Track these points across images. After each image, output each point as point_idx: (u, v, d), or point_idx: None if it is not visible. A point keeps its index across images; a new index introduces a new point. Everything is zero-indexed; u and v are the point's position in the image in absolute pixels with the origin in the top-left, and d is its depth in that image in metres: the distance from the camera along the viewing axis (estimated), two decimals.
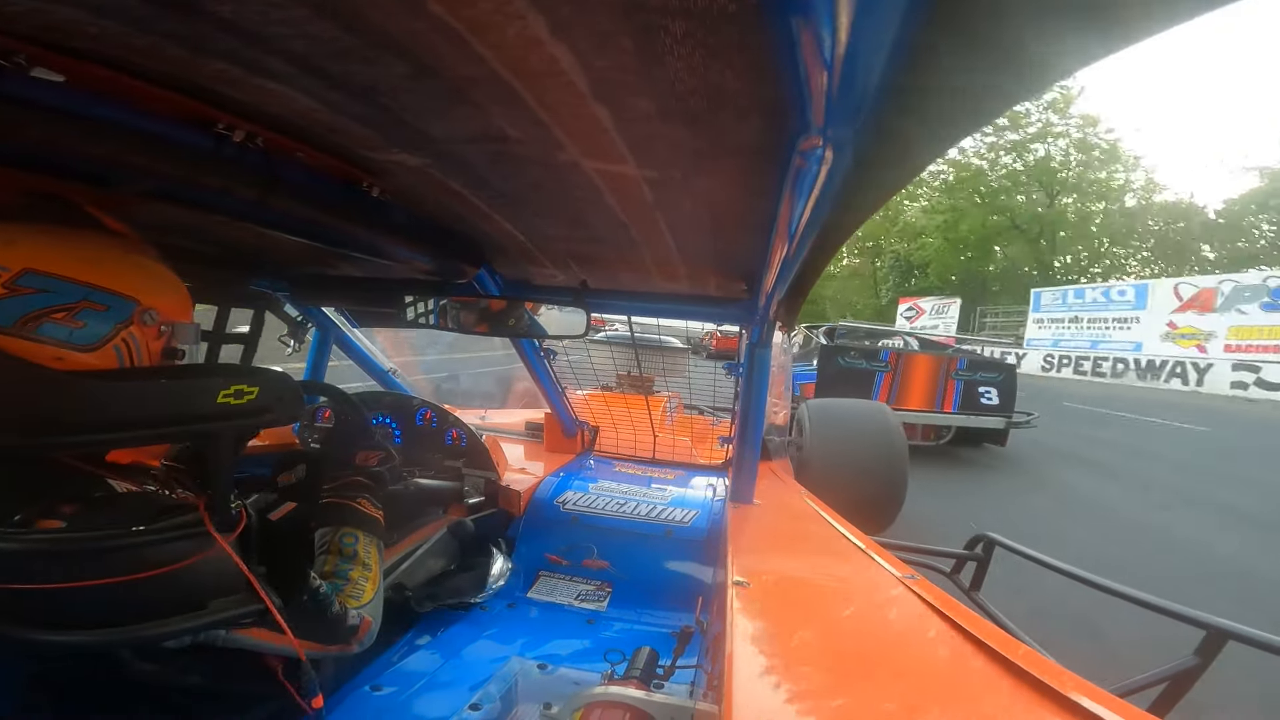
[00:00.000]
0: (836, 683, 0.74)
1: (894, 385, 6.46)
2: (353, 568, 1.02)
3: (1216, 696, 1.87)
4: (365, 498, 1.12)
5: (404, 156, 0.83)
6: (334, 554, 1.02)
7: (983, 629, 0.84)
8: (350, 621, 0.96)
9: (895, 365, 6.49)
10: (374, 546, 1.07)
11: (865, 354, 6.64)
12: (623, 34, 0.47)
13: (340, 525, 1.06)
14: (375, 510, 1.12)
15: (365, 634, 0.99)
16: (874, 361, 6.52)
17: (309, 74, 0.60)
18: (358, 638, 0.97)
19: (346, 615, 0.96)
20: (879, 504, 3.19)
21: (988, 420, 6.50)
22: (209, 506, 0.78)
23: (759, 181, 0.76)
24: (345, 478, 1.15)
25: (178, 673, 0.86)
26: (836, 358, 6.50)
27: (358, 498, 1.11)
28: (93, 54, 0.57)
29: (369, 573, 1.03)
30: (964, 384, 6.50)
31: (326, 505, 1.09)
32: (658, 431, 2.44)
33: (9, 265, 0.69)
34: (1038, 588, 2.48)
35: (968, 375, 6.54)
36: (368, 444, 1.25)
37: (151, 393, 0.76)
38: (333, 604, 0.94)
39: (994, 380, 6.55)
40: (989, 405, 6.50)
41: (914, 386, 6.49)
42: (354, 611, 0.97)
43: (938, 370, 6.54)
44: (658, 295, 1.66)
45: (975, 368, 6.65)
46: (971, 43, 0.39)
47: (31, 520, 0.69)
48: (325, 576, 0.98)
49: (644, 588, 1.76)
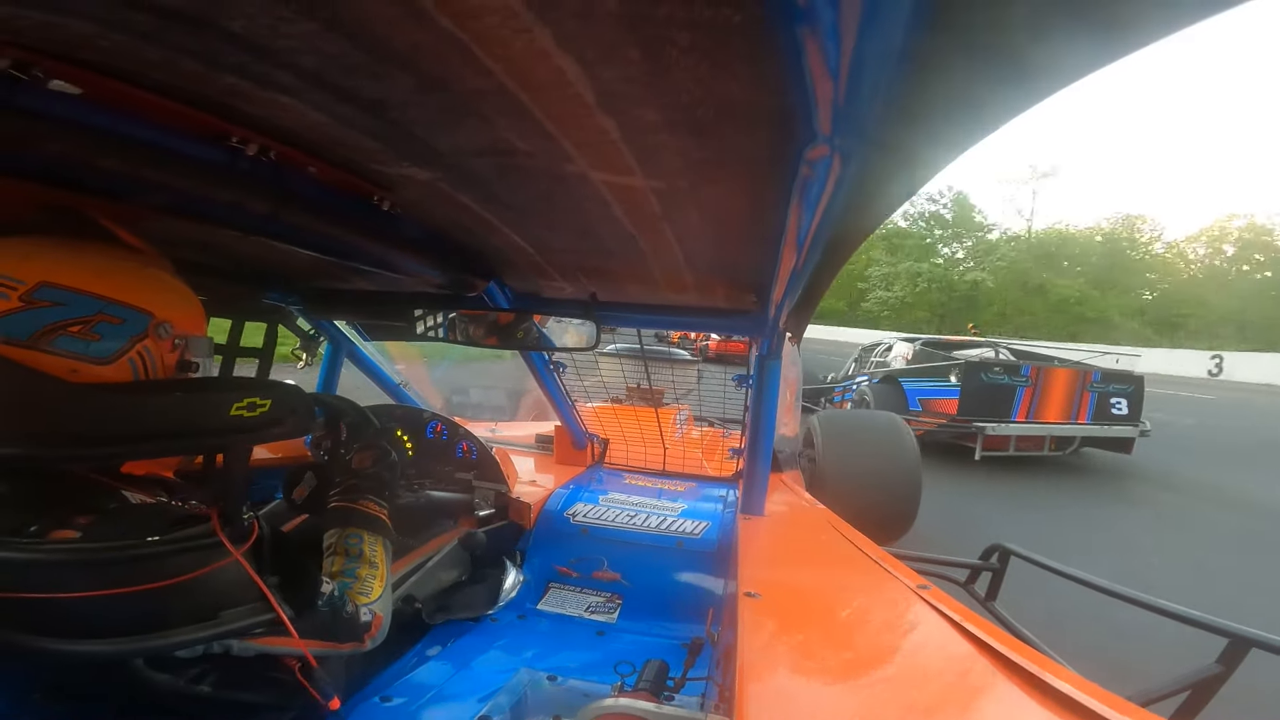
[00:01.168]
0: (849, 695, 0.73)
1: (1034, 399, 6.51)
2: (360, 566, 1.03)
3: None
4: (369, 499, 1.13)
5: (413, 170, 0.84)
6: (340, 555, 1.04)
7: (1000, 639, 0.82)
8: (362, 619, 0.97)
9: (1035, 379, 6.54)
10: (380, 545, 1.08)
11: (1008, 369, 6.66)
12: (629, 46, 0.47)
13: (345, 527, 1.08)
14: (379, 510, 1.13)
15: (377, 630, 1.00)
16: (1016, 376, 6.54)
17: (319, 88, 0.60)
18: (370, 635, 0.99)
19: (358, 613, 0.97)
20: (894, 514, 3.17)
21: (1121, 430, 6.62)
22: (222, 517, 0.79)
23: (766, 192, 0.76)
24: (348, 481, 1.16)
25: (192, 680, 0.86)
26: (980, 374, 6.51)
27: (360, 499, 1.12)
28: (107, 67, 0.58)
29: (376, 571, 1.04)
30: (1097, 395, 6.64)
31: (331, 510, 1.11)
32: (667, 444, 2.43)
33: (25, 279, 0.70)
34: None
35: (1101, 387, 6.65)
36: (360, 445, 1.26)
37: (166, 405, 0.77)
38: (345, 604, 0.95)
39: (1125, 391, 6.68)
40: (1119, 415, 6.62)
41: (1052, 399, 6.56)
42: (364, 608, 0.98)
43: (1075, 383, 6.63)
44: (667, 307, 1.66)
45: (1108, 380, 6.77)
46: (975, 51, 0.39)
47: (46, 531, 0.70)
48: (333, 576, 1.00)
49: (654, 600, 1.75)
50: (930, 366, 7.14)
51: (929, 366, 7.16)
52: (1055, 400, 6.58)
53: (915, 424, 6.74)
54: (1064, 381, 6.65)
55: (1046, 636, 1.40)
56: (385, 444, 1.27)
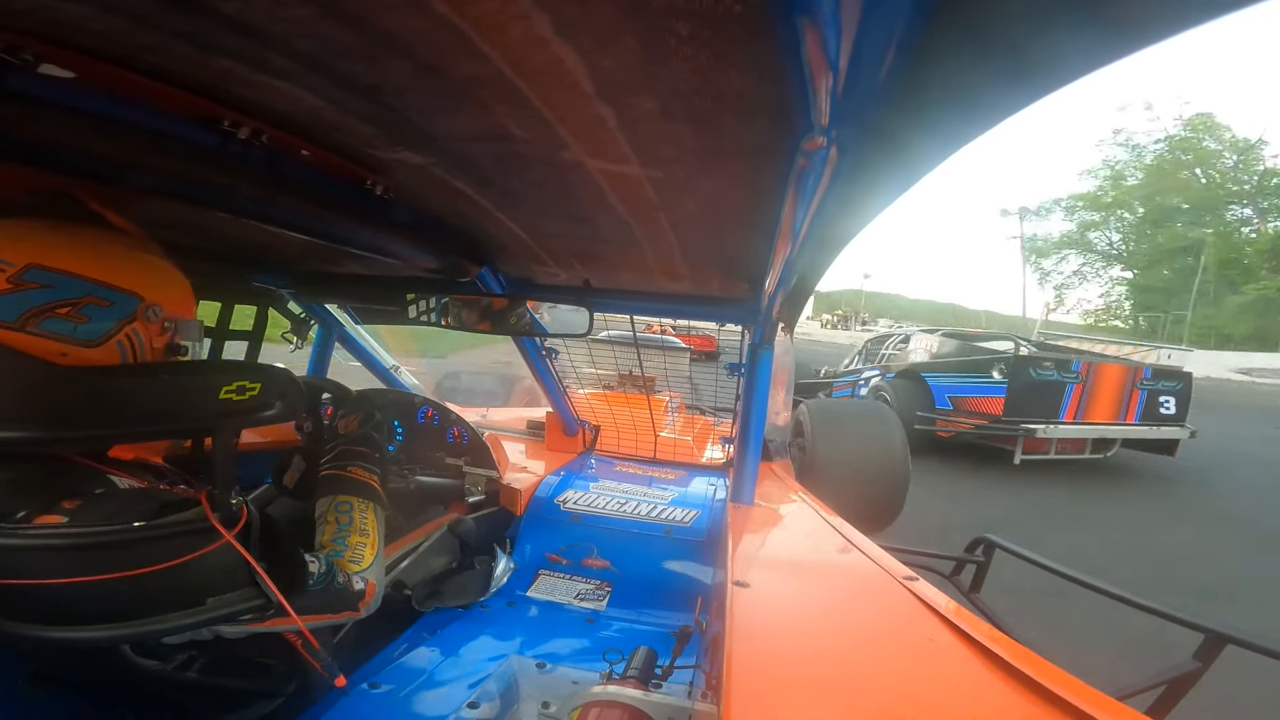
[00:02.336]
0: (835, 684, 0.74)
1: (1083, 397, 6.02)
2: (350, 534, 1.02)
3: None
4: (358, 465, 1.12)
5: (408, 155, 0.83)
6: (330, 523, 1.03)
7: (981, 631, 0.84)
8: (355, 587, 0.97)
9: (1086, 375, 6.03)
10: (370, 511, 1.07)
11: (1058, 365, 6.11)
12: (627, 34, 0.47)
13: (334, 495, 1.06)
14: (368, 475, 1.12)
15: (371, 598, 0.99)
16: (1066, 372, 6.02)
17: (314, 72, 0.60)
18: (364, 603, 0.98)
19: (350, 581, 0.96)
20: (882, 504, 3.20)
21: (1169, 431, 6.17)
22: (211, 501, 0.78)
23: (763, 182, 0.76)
24: (335, 449, 1.15)
25: (180, 667, 0.86)
26: (1028, 369, 5.97)
27: (348, 466, 1.11)
28: (100, 51, 0.57)
29: (367, 538, 1.03)
30: (1147, 393, 6.16)
31: (322, 478, 1.10)
32: (659, 431, 2.44)
33: (14, 260, 0.69)
34: None
35: (1151, 384, 6.19)
36: (344, 410, 1.24)
37: (155, 389, 0.77)
38: (336, 574, 0.94)
39: (1173, 389, 6.25)
40: (1167, 415, 6.20)
41: (1101, 397, 6.04)
42: (356, 576, 0.98)
43: (1125, 379, 6.15)
44: (660, 295, 1.66)
45: (1158, 376, 6.31)
46: (975, 45, 0.39)
47: (32, 516, 0.69)
48: (324, 545, 0.99)
49: (643, 587, 1.76)
50: (966, 360, 6.57)
51: (965, 360, 6.58)
52: (1105, 398, 6.09)
53: (946, 424, 6.22)
54: (1115, 378, 6.14)
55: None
56: (368, 408, 1.25)
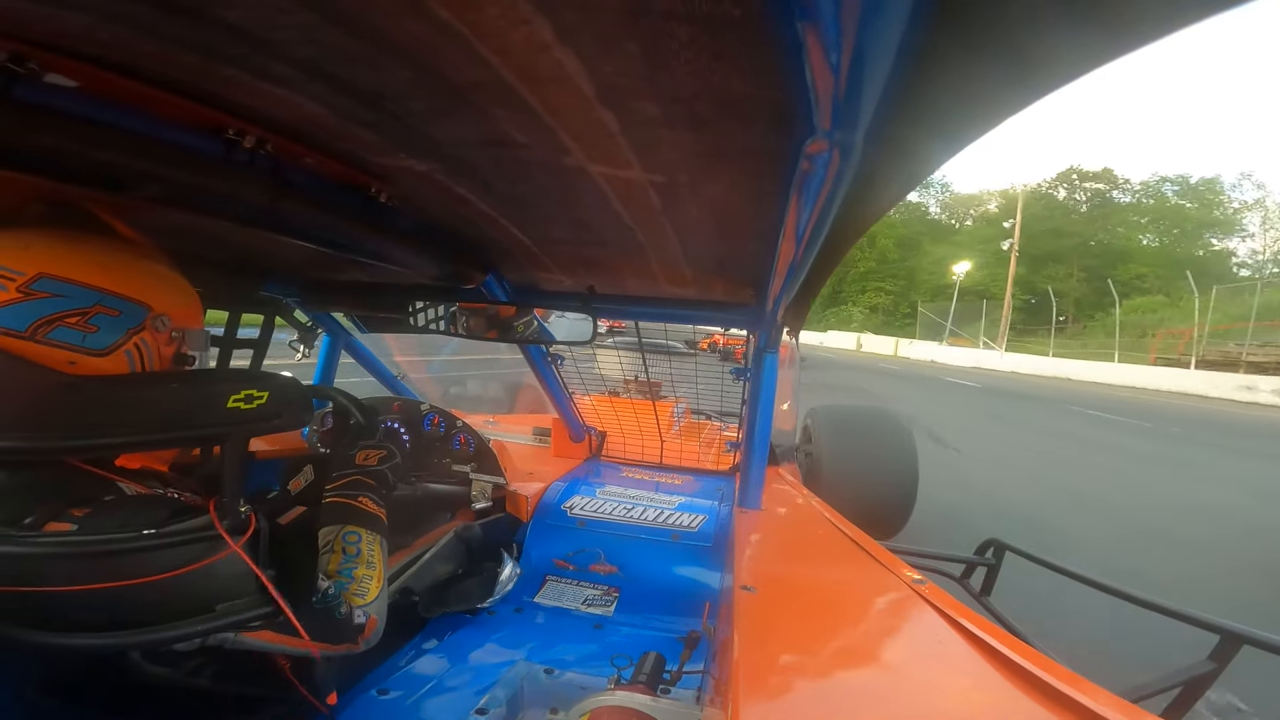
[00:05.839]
0: (844, 689, 0.74)
1: None
2: (357, 566, 1.01)
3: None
4: (367, 496, 1.11)
5: (411, 161, 0.84)
6: (338, 553, 1.01)
7: (994, 634, 0.83)
8: (356, 620, 0.95)
9: None
10: (378, 544, 1.06)
11: None
12: (628, 39, 0.47)
13: (344, 524, 1.05)
14: (377, 508, 1.11)
15: (371, 633, 0.98)
16: None
17: (317, 79, 0.60)
18: (364, 637, 0.97)
19: (353, 615, 0.95)
20: (891, 509, 3.18)
21: None
22: (219, 510, 0.79)
23: (765, 186, 0.76)
24: (347, 476, 1.14)
25: (187, 675, 0.86)
26: None
27: (359, 496, 1.10)
28: (104, 60, 0.58)
29: (373, 571, 1.02)
30: None
31: (329, 505, 1.08)
32: (665, 437, 2.44)
33: (24, 270, 0.70)
34: None
35: None
36: (370, 443, 1.25)
37: (163, 398, 0.77)
38: (340, 604, 0.93)
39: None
40: None
41: None
42: (359, 610, 0.96)
43: None
44: (665, 300, 1.66)
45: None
46: (975, 47, 0.39)
47: (41, 523, 0.69)
48: (330, 575, 0.98)
49: (651, 593, 1.76)
50: None
51: None
52: None
53: None
54: None
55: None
56: (393, 447, 1.26)
